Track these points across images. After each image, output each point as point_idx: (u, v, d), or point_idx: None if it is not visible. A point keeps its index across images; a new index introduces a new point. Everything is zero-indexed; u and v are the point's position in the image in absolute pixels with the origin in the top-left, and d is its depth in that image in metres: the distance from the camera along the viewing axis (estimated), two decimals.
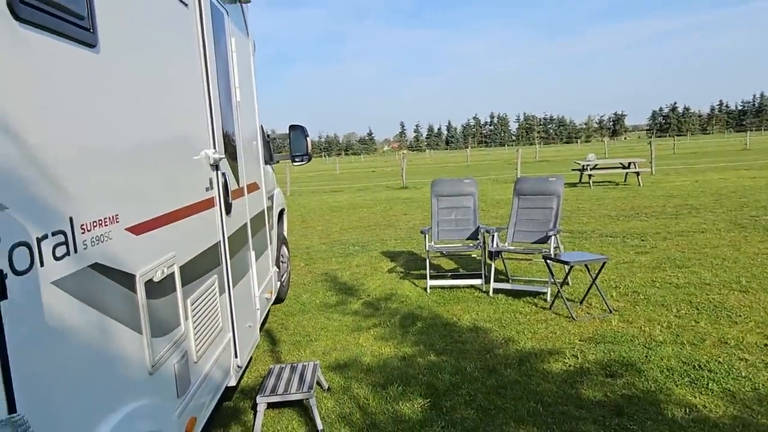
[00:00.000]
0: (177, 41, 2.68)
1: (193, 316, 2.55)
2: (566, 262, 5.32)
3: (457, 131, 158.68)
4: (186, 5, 2.80)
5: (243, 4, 4.29)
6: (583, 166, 17.25)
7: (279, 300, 6.21)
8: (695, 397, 3.48)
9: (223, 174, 3.19)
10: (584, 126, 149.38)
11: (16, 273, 1.31)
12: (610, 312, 5.12)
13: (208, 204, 2.94)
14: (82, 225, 1.63)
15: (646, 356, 4.11)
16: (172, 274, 2.33)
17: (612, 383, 3.73)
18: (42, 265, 1.42)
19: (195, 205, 2.71)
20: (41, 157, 1.46)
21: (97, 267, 1.70)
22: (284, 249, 6.44)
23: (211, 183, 3.01)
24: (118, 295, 1.83)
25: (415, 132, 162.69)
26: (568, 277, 5.92)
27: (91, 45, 1.78)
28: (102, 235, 1.74)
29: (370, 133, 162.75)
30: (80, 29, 1.71)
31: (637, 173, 16.38)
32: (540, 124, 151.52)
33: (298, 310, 5.98)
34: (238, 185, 3.64)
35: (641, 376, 3.80)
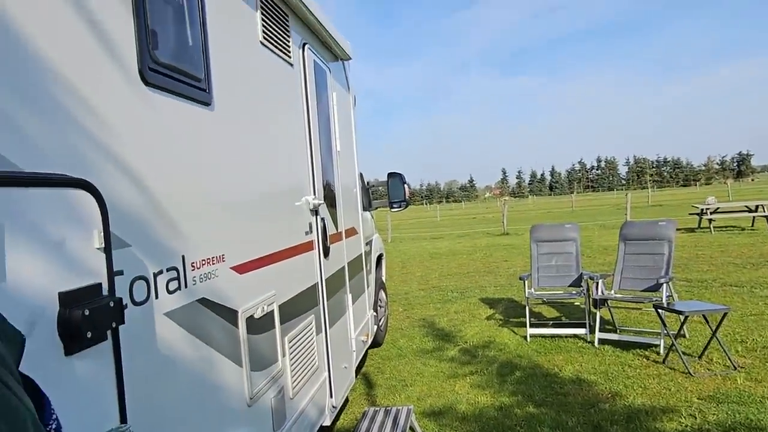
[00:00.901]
0: (283, 98, 2.93)
1: (291, 354, 2.67)
2: (681, 312, 4.93)
3: (561, 176, 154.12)
4: (292, 65, 3.07)
5: (344, 62, 4.59)
6: (702, 209, 15.99)
7: (376, 344, 6.27)
8: None
9: (322, 219, 3.37)
10: (703, 167, 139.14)
11: (135, 303, 1.48)
12: (735, 369, 4.63)
13: (308, 247, 3.11)
14: (192, 263, 1.81)
15: None
16: (272, 311, 2.47)
17: None
18: (157, 297, 1.59)
19: (295, 248, 2.88)
20: (161, 202, 1.66)
21: (204, 302, 1.86)
22: (382, 293, 6.54)
23: (310, 227, 3.18)
24: (221, 329, 1.99)
25: (517, 178, 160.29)
26: (685, 329, 5.46)
27: (207, 103, 2.01)
28: (209, 272, 1.91)
29: (471, 181, 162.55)
30: (198, 90, 1.94)
31: (767, 217, 14.89)
32: (652, 167, 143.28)
33: (395, 355, 6.00)
34: (337, 230, 3.81)
35: None
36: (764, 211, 15.00)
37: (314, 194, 3.27)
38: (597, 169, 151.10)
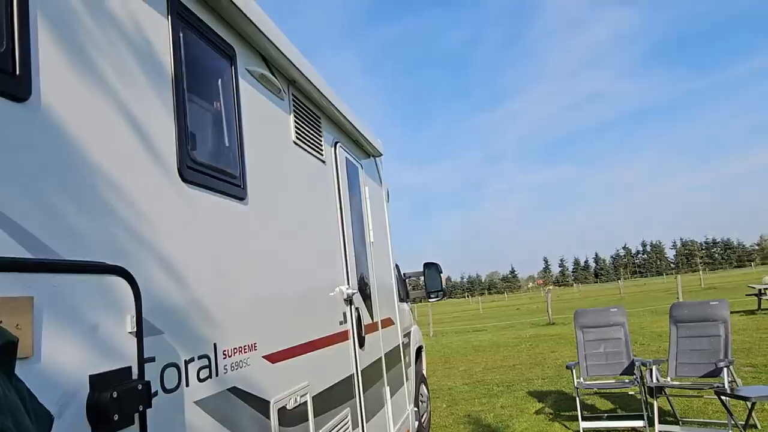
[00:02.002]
0: (316, 192, 3.06)
1: None
2: (746, 398, 4.57)
3: (606, 263, 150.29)
4: (324, 162, 3.23)
5: (376, 158, 4.79)
6: (761, 290, 15.19)
7: None
8: None
9: (357, 308, 3.37)
10: (757, 247, 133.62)
11: (165, 390, 1.50)
12: None
13: (342, 337, 3.09)
14: (224, 351, 1.83)
15: None
16: (305, 402, 2.43)
17: None
18: (187, 385, 1.60)
19: (329, 338, 2.87)
20: (195, 291, 1.71)
21: (235, 391, 1.86)
22: (423, 388, 6.32)
23: (344, 317, 3.18)
24: (252, 420, 1.96)
25: (560, 266, 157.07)
26: (755, 418, 5.03)
27: (241, 198, 2.12)
28: (241, 361, 1.93)
29: (512, 271, 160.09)
30: (233, 186, 2.06)
31: None
32: (701, 249, 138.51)
33: None
34: (372, 320, 3.79)
35: None
36: None
37: (348, 284, 3.30)
38: (643, 254, 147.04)
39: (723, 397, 4.79)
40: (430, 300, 6.06)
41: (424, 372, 6.72)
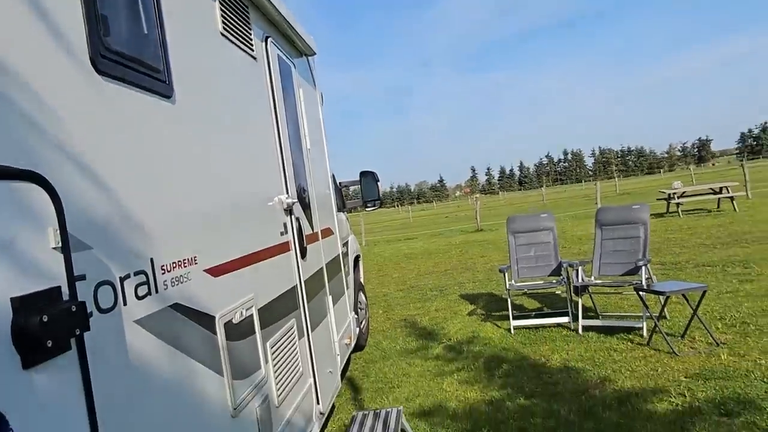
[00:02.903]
0: (248, 92, 2.80)
1: (273, 360, 2.54)
2: (661, 293, 4.94)
3: (530, 171, 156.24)
4: (255, 59, 2.94)
5: (309, 57, 4.47)
6: (670, 194, 16.32)
7: (359, 347, 6.15)
8: None
9: (297, 219, 3.24)
10: (666, 155, 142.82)
11: (101, 311, 1.34)
12: (718, 345, 4.66)
13: (284, 248, 2.98)
14: (163, 266, 1.67)
15: (766, 392, 3.67)
16: (251, 316, 2.34)
17: (729, 423, 3.34)
18: (125, 304, 1.45)
19: (271, 249, 2.75)
20: (122, 200, 1.52)
21: (177, 307, 1.73)
22: (361, 295, 6.42)
23: (285, 227, 3.05)
24: (198, 336, 1.85)
25: (486, 175, 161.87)
26: (665, 310, 5.49)
27: (168, 96, 1.87)
28: (181, 276, 1.78)
29: (441, 180, 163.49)
30: (157, 81, 1.81)
31: (731, 198, 15.25)
32: (617, 157, 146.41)
33: (379, 357, 5.88)
34: (312, 230, 3.69)
35: (763, 413, 3.38)
36: (728, 193, 15.37)
37: (287, 193, 3.14)
38: (564, 162, 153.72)
39: (641, 293, 5.16)
40: (366, 209, 6.02)
41: (362, 280, 6.81)
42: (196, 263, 1.89)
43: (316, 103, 4.56)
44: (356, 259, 6.53)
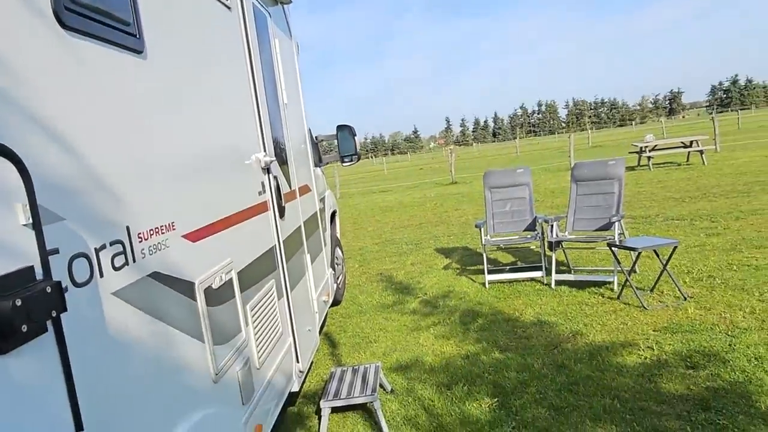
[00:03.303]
0: (222, 45, 2.66)
1: (254, 322, 2.52)
2: (633, 248, 5.05)
3: (504, 122, 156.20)
4: (229, 8, 2.78)
5: (284, 6, 4.27)
6: (641, 148, 16.53)
7: (336, 302, 6.19)
8: None
9: (275, 177, 3.16)
10: (638, 107, 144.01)
11: (77, 285, 1.29)
12: (685, 299, 4.82)
13: (262, 208, 2.92)
14: (139, 234, 1.61)
15: (729, 345, 3.83)
16: (231, 280, 2.30)
17: (694, 375, 3.49)
18: (102, 276, 1.39)
19: (249, 210, 2.69)
20: (93, 167, 1.43)
21: (156, 276, 1.67)
22: (338, 251, 6.42)
23: (263, 186, 2.98)
24: (178, 304, 1.81)
25: (461, 126, 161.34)
26: (636, 265, 5.63)
27: (139, 51, 1.76)
28: (159, 243, 1.72)
29: (415, 131, 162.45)
30: (127, 35, 1.69)
31: (701, 151, 15.54)
32: (591, 109, 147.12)
33: (356, 312, 5.94)
34: (290, 188, 3.62)
35: (726, 366, 3.54)
36: (698, 146, 15.64)
37: (264, 151, 3.05)
38: (538, 114, 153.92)
39: (613, 248, 5.26)
40: (344, 164, 5.92)
41: (338, 235, 6.80)
42: (174, 229, 1.82)
43: (293, 54, 4.39)
44: (333, 215, 6.49)
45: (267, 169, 3.04)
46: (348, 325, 5.53)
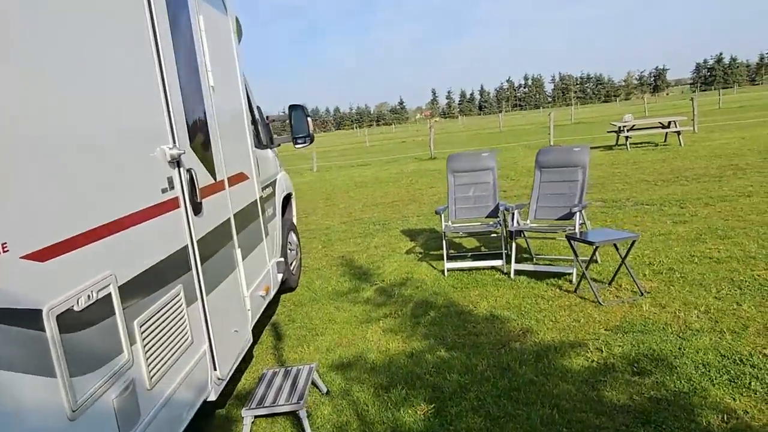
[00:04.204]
0: (114, 23, 2.34)
1: (144, 339, 2.27)
2: (591, 242, 4.85)
3: (490, 96, 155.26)
4: None
5: None
6: (620, 127, 16.34)
7: (289, 288, 5.97)
8: (735, 399, 3.04)
9: (188, 170, 2.87)
10: (623, 83, 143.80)
11: None
12: (642, 294, 4.66)
13: (167, 207, 2.63)
14: None
15: (679, 348, 3.67)
16: (108, 296, 2.04)
17: (639, 383, 3.32)
18: None
19: (145, 211, 2.41)
20: None
21: None
22: (293, 236, 6.16)
23: (171, 182, 2.69)
24: (13, 340, 1.54)
25: (447, 98, 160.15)
26: (597, 255, 5.46)
27: None
28: None
29: (401, 103, 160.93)
30: None
31: (678, 132, 15.39)
32: (577, 84, 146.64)
33: (309, 299, 5.72)
34: (215, 179, 3.32)
35: (673, 373, 3.38)
36: (676, 127, 15.49)
37: (173, 143, 2.75)
38: (524, 87, 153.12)
39: (571, 241, 5.07)
40: (296, 146, 5.62)
41: (294, 219, 6.53)
42: (5, 251, 1.55)
43: (228, 31, 4.03)
44: (287, 198, 6.21)
45: (176, 163, 2.75)
46: (297, 314, 5.31)
